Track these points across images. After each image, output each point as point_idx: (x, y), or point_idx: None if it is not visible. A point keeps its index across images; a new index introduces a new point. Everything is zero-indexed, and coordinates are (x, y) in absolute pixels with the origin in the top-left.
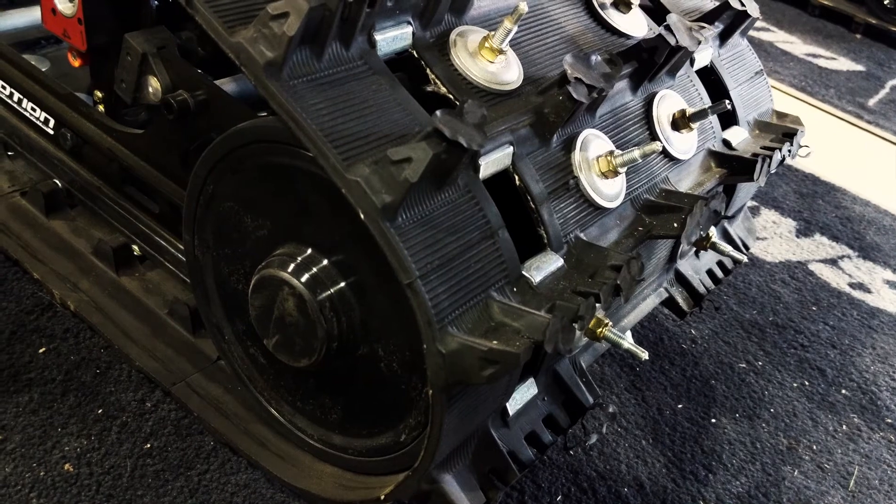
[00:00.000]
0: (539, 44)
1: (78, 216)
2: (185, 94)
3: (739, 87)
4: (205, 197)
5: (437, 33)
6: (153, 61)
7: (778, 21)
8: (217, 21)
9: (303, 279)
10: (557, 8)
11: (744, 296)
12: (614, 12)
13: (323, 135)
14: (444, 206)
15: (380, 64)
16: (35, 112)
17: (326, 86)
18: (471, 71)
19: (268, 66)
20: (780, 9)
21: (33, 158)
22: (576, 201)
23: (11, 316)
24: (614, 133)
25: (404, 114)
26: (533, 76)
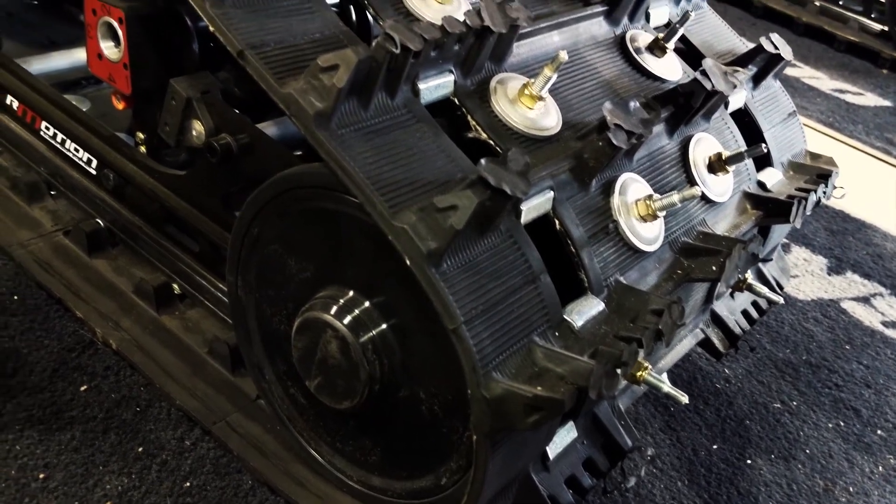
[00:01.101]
0: (576, 89)
1: (119, 255)
2: (228, 138)
3: (773, 128)
4: (250, 239)
5: (478, 81)
6: (197, 106)
7: (804, 57)
8: (267, 72)
9: (346, 321)
10: (593, 53)
11: (777, 334)
12: (649, 56)
13: (370, 182)
14: (487, 251)
15: (423, 112)
16: (78, 153)
17: (373, 134)
18: (511, 117)
19: (317, 116)
20: (805, 44)
21: (76, 198)
22: (615, 245)
23: (53, 354)
24: (652, 176)
25: (447, 160)
26: (571, 121)
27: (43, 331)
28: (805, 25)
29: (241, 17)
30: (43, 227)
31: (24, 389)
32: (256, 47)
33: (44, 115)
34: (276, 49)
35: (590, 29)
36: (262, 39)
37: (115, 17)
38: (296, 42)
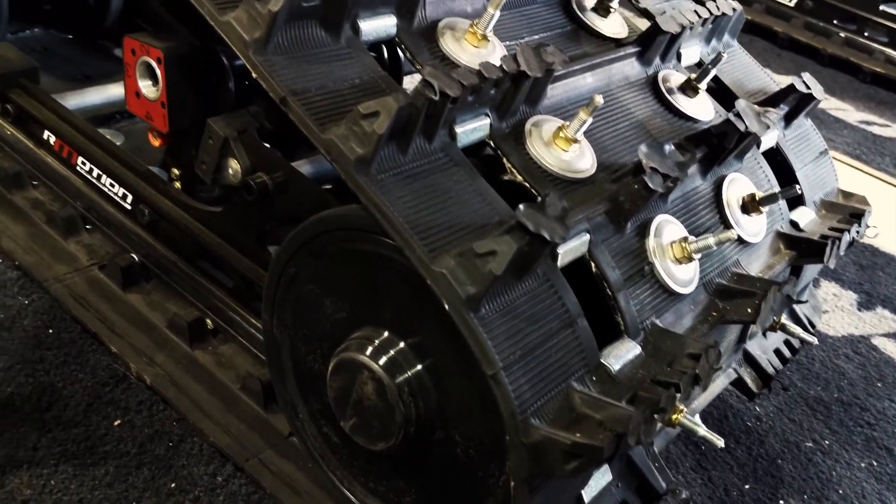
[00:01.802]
0: (610, 130)
1: (153, 290)
2: (264, 176)
3: (805, 167)
4: (286, 279)
5: (513, 123)
6: (234, 145)
7: (829, 88)
8: (309, 118)
9: (382, 362)
10: (626, 93)
11: (807, 371)
12: (681, 97)
13: (409, 227)
14: (525, 295)
15: (460, 155)
16: (114, 188)
17: (411, 179)
18: (546, 160)
19: (358, 162)
20: (831, 75)
21: (111, 232)
22: (651, 287)
23: (87, 388)
24: (686, 217)
25: (484, 203)
26: (605, 162)
27: (77, 365)
28: (830, 57)
29: (283, 63)
30: (78, 262)
31: (58, 424)
32: (298, 93)
33: (80, 151)
34: (318, 95)
35: (622, 70)
36: (303, 86)
37: (153, 57)
38: (336, 87)
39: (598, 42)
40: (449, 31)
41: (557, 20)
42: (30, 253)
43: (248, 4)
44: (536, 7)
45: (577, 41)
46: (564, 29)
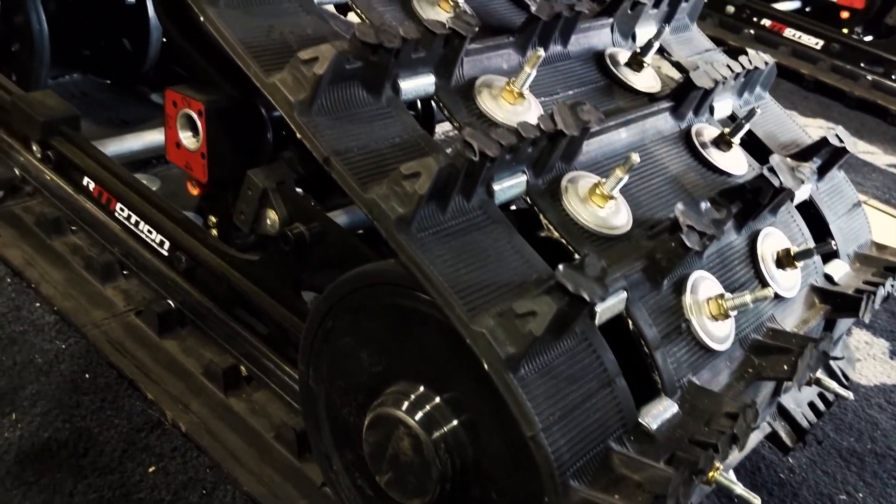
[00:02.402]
0: (645, 185)
1: (189, 336)
2: (301, 227)
3: (839, 219)
4: (323, 331)
5: (549, 179)
6: (273, 196)
7: (857, 131)
8: (351, 178)
9: (419, 418)
10: (660, 148)
11: (840, 421)
12: (715, 151)
13: (449, 286)
14: (563, 354)
15: (497, 212)
16: (151, 234)
17: (450, 237)
18: (582, 216)
19: (398, 221)
20: (858, 118)
21: (147, 278)
22: (688, 344)
23: (123, 434)
24: (721, 273)
25: (522, 261)
26: (641, 218)
27: (113, 410)
28: (857, 99)
29: (327, 124)
30: (115, 307)
31: (94, 470)
32: (341, 153)
33: (119, 197)
34: (359, 155)
35: (656, 124)
36: (346, 146)
37: (195, 110)
38: (377, 147)
39: (632, 96)
40: (486, 89)
41: (591, 75)
42: (68, 298)
43: (293, 67)
44: (570, 63)
45: (610, 96)
46: (598, 84)
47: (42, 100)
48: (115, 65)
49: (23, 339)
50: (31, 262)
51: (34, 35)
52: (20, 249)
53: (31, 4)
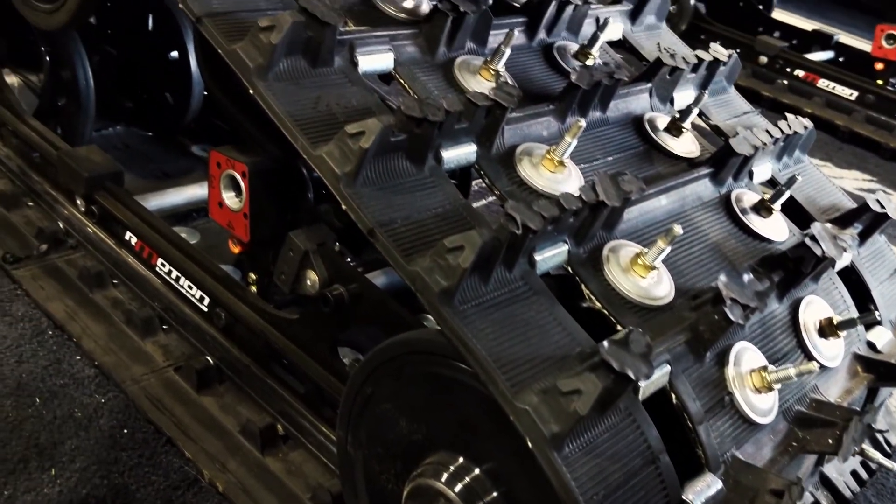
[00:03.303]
0: (686, 253)
1: (226, 392)
2: (341, 289)
3: (881, 285)
4: (362, 397)
5: (590, 248)
6: (313, 258)
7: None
8: (395, 250)
9: (458, 490)
10: (700, 214)
11: (882, 486)
12: (755, 217)
13: (492, 360)
14: (607, 431)
15: (539, 283)
16: (191, 289)
17: (493, 309)
18: (624, 286)
19: (442, 294)
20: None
21: (186, 333)
22: (731, 418)
23: (160, 491)
24: (764, 343)
25: (564, 334)
26: (683, 287)
27: (150, 466)
28: (893, 151)
29: (371, 195)
30: (155, 363)
31: None
32: (385, 225)
33: (160, 252)
34: (403, 226)
35: (696, 190)
36: (389, 217)
37: (238, 171)
38: (420, 217)
39: (672, 162)
40: (526, 157)
41: (630, 141)
42: (108, 353)
43: (340, 140)
44: (609, 128)
45: (650, 161)
46: (637, 149)
47: (87, 155)
48: (157, 117)
49: (63, 393)
50: (73, 316)
51: (81, 90)
52: (63, 303)
53: (79, 60)
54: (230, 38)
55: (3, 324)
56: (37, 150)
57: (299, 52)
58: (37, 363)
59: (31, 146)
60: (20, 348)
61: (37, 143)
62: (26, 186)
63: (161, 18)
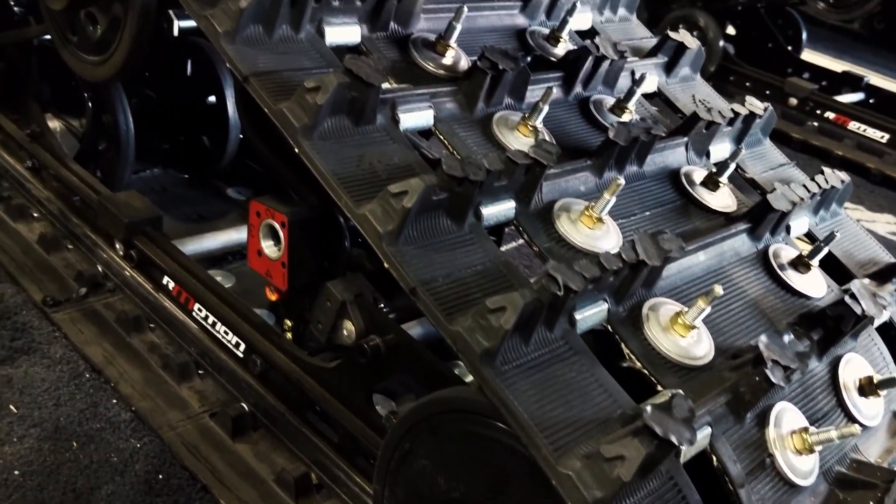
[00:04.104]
0: (724, 310)
1: (261, 439)
2: (378, 339)
3: None
4: (400, 452)
5: (630, 306)
6: (350, 308)
7: None
8: (437, 309)
9: None
10: (738, 270)
11: None
12: (793, 273)
13: (534, 423)
14: (649, 496)
15: (579, 343)
16: (227, 335)
17: (534, 370)
18: (664, 345)
19: (484, 354)
20: None
21: (222, 379)
22: (772, 480)
23: None
24: (803, 402)
25: (605, 395)
26: (722, 346)
27: None
28: None
29: (412, 253)
30: (191, 408)
31: None
32: (426, 283)
33: (197, 298)
34: (444, 284)
35: (733, 245)
36: (431, 275)
37: (278, 221)
38: (461, 276)
39: (709, 216)
40: (564, 213)
41: (667, 195)
42: (145, 398)
43: (383, 199)
44: (646, 182)
45: (687, 216)
46: (674, 204)
47: (127, 200)
48: (193, 160)
49: (100, 437)
50: (111, 360)
51: (121, 135)
52: (101, 347)
53: (120, 106)
54: (276, 98)
55: (42, 366)
56: (77, 193)
57: (343, 112)
58: (74, 406)
59: (72, 190)
60: (58, 391)
61: (78, 187)
62: (66, 229)
63: (200, 64)
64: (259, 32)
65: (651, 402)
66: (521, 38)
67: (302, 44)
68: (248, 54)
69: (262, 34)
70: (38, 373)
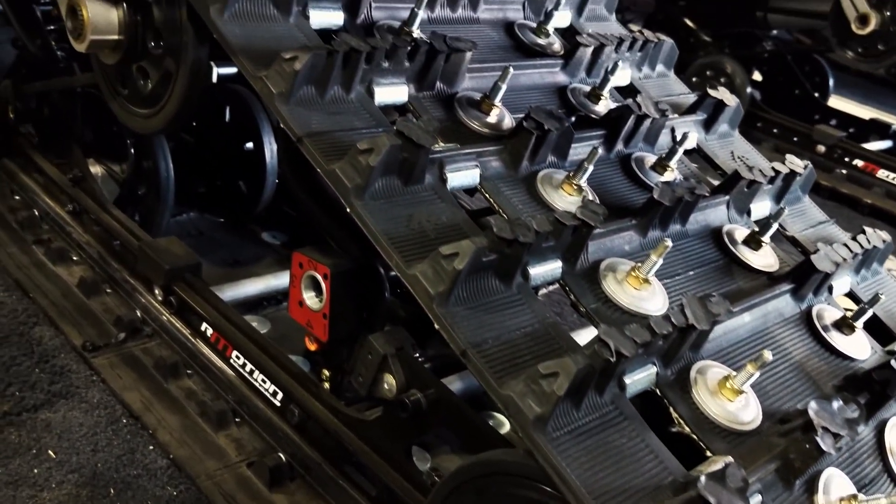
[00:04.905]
0: (771, 373)
1: (297, 490)
2: (419, 394)
3: None
4: None
5: (678, 370)
6: (392, 362)
7: None
8: (488, 372)
9: None
10: (782, 331)
11: None
12: (837, 334)
13: (586, 490)
14: None
15: (629, 407)
16: (265, 384)
17: (585, 435)
18: (712, 410)
19: (536, 420)
20: None
21: (259, 428)
22: None
23: None
24: (851, 468)
25: (656, 462)
26: (769, 409)
27: None
28: None
29: (462, 314)
30: (228, 457)
31: None
32: (477, 346)
33: (236, 345)
34: (494, 346)
35: (777, 306)
36: (481, 337)
37: (320, 273)
38: (511, 337)
39: (752, 276)
40: (610, 273)
41: (710, 254)
42: (183, 446)
43: (434, 261)
44: (689, 241)
45: (730, 275)
46: (717, 263)
47: (168, 247)
48: (229, 205)
49: (136, 485)
50: (149, 407)
51: (161, 181)
52: (139, 393)
53: (161, 152)
54: (328, 158)
55: (80, 411)
56: (117, 238)
57: (394, 172)
58: (111, 452)
59: (112, 234)
60: (96, 437)
61: (118, 232)
62: (105, 274)
63: (238, 110)
64: (312, 93)
65: (703, 470)
66: (563, 96)
67: (352, 104)
68: (302, 115)
69: (315, 95)
70: (76, 417)
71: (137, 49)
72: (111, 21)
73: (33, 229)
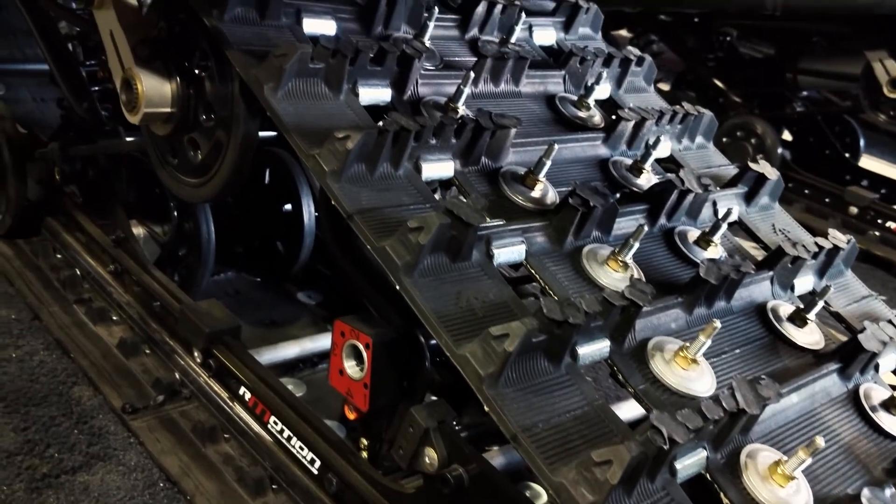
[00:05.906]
0: (820, 457)
1: None
2: (461, 470)
3: None
4: None
5: (727, 453)
6: (433, 436)
7: None
8: (539, 458)
9: None
10: (830, 412)
11: None
12: (885, 415)
13: None
14: None
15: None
16: (303, 451)
17: None
18: (763, 496)
19: None
20: None
21: (296, 496)
22: None
23: None
24: None
25: None
26: (819, 494)
27: None
28: None
29: (512, 396)
30: None
31: None
32: (527, 429)
33: (274, 411)
34: (544, 430)
35: (824, 386)
36: (532, 420)
37: (362, 342)
38: (560, 421)
39: (798, 354)
40: (658, 353)
41: (755, 331)
42: None
43: (483, 341)
44: (735, 318)
45: (776, 353)
46: (763, 340)
47: (209, 310)
48: (267, 265)
49: None
50: (187, 472)
51: (202, 242)
52: (177, 457)
53: (203, 215)
54: (378, 235)
55: (118, 474)
56: (158, 299)
57: (443, 250)
58: None
59: (153, 295)
60: (133, 500)
61: (159, 294)
62: (145, 334)
63: (278, 173)
64: (362, 171)
65: None
66: (604, 169)
67: (401, 180)
68: (352, 192)
69: (365, 172)
70: (113, 480)
71: (189, 121)
72: (164, 95)
73: (75, 288)
